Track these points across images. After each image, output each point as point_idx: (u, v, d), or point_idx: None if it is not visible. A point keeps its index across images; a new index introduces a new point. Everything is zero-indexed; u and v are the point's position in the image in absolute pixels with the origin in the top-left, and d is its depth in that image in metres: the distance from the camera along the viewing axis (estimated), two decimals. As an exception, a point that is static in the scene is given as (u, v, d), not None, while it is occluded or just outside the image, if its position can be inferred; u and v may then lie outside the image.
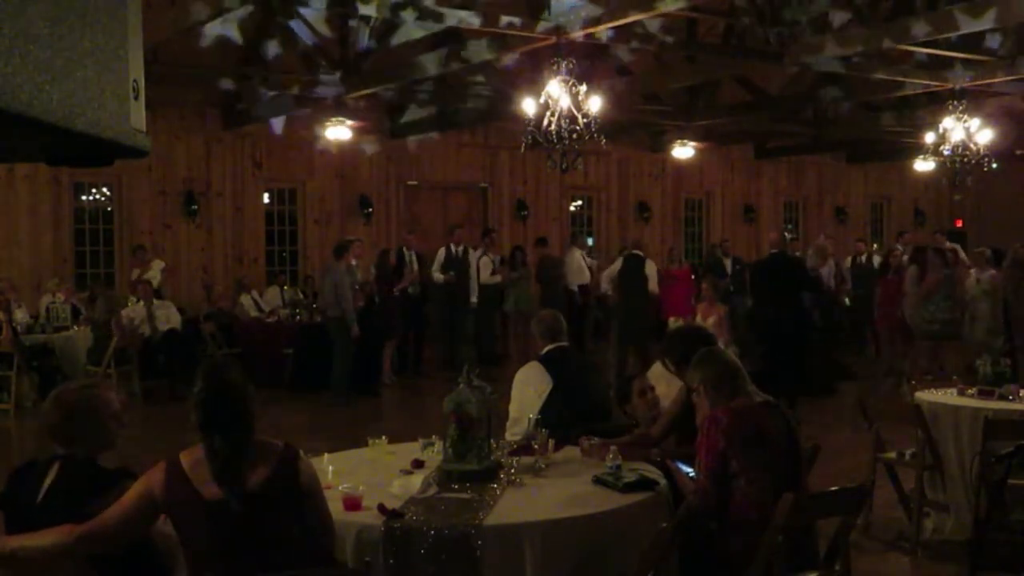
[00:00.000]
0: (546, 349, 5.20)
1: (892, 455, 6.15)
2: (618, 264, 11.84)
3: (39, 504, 3.14)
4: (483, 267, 13.56)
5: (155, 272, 12.80)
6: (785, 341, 9.70)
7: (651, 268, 11.89)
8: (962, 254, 13.98)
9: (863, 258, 15.35)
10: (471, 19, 8.56)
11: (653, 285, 11.81)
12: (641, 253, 11.87)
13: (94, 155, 1.55)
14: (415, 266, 12.95)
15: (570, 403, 4.84)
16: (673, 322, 8.99)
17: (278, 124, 13.92)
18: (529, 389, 5.05)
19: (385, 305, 12.17)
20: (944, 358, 10.67)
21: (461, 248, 13.26)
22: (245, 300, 13.42)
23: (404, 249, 13.08)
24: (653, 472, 3.98)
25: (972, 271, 11.53)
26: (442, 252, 13.15)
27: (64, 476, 3.19)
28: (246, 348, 12.13)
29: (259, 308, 13.37)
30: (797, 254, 13.32)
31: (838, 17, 9.32)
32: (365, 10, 8.59)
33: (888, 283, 11.93)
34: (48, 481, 3.18)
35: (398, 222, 15.73)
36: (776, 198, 20.25)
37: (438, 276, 12.99)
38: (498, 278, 13.75)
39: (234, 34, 11.15)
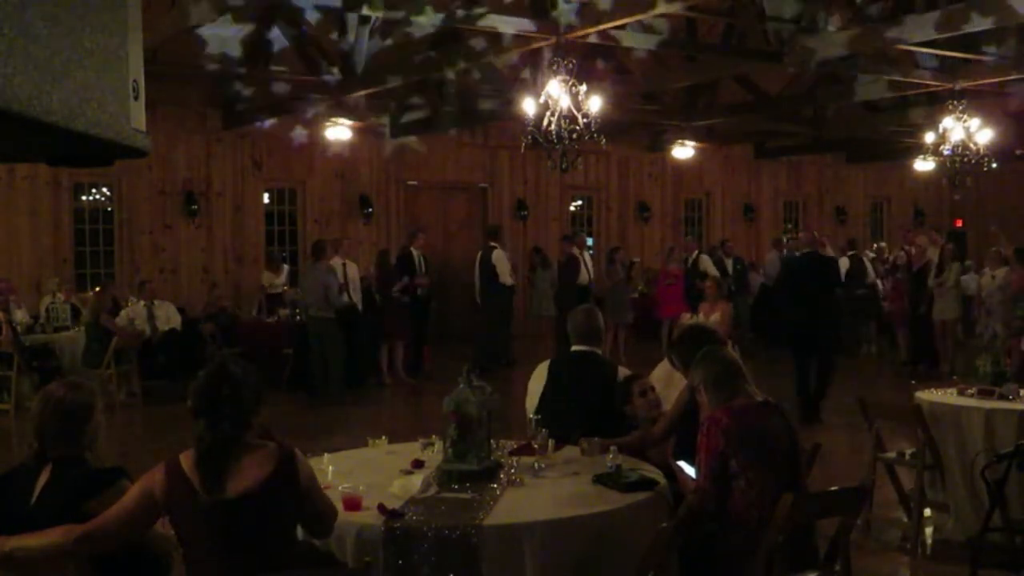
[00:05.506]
0: (572, 350, 5.16)
1: (892, 455, 6.15)
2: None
3: (33, 508, 3.10)
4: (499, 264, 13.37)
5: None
6: (816, 339, 9.75)
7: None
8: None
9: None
10: (471, 18, 8.56)
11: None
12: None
13: (94, 155, 1.55)
14: (423, 268, 12.85)
15: (565, 407, 4.78)
16: (689, 319, 8.99)
17: (280, 125, 13.91)
18: (532, 388, 5.07)
19: (386, 305, 12.14)
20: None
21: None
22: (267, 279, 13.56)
23: (412, 250, 12.85)
24: (653, 472, 3.98)
25: (986, 268, 11.91)
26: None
27: (58, 477, 3.14)
28: (246, 348, 12.11)
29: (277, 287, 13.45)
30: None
31: (838, 17, 9.32)
32: (365, 10, 8.58)
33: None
34: (41, 484, 3.14)
35: (398, 222, 15.72)
36: (776, 198, 20.24)
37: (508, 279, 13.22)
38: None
39: (234, 34, 11.15)
